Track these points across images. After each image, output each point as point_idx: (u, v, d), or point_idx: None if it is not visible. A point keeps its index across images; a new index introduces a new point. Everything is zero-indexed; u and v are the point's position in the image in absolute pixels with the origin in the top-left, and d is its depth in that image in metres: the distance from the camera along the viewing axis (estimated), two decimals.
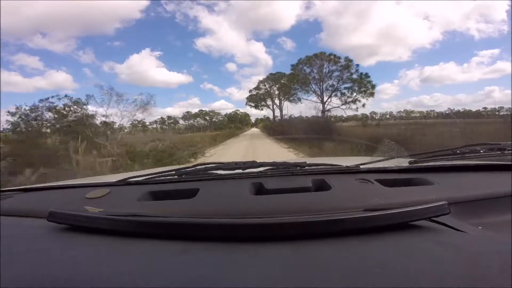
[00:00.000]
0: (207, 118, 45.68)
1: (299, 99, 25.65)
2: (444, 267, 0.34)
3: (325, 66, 22.43)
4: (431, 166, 0.79)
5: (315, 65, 22.66)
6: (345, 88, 22.33)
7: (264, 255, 0.38)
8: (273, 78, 29.37)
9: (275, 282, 0.32)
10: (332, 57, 22.44)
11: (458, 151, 0.87)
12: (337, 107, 22.47)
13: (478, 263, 0.35)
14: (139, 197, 0.68)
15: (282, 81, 27.71)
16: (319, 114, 20.99)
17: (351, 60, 22.00)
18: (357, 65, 22.14)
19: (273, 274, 0.34)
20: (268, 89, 29.88)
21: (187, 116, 45.36)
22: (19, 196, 0.78)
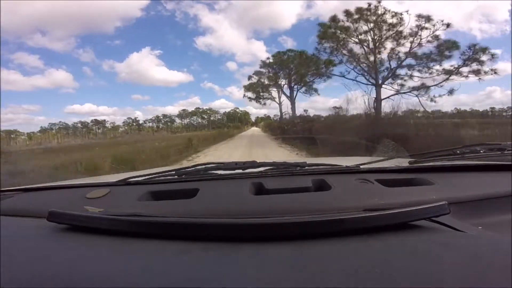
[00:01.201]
0: (205, 116, 43.38)
1: (315, 90, 17.63)
2: (444, 267, 0.34)
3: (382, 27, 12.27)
4: (431, 166, 0.79)
5: (362, 25, 12.26)
6: (417, 64, 12.30)
7: (264, 255, 0.38)
8: (280, 60, 20.00)
9: (275, 282, 0.32)
10: (393, 13, 12.16)
11: (458, 151, 0.87)
12: (406, 92, 12.45)
13: (478, 263, 0.35)
14: (139, 197, 0.68)
15: (296, 61, 18.17)
16: (370, 106, 10.38)
17: (430, 19, 11.93)
18: (447, 25, 11.91)
19: (273, 274, 0.34)
20: (273, 75, 20.76)
21: (182, 114, 42.75)
22: (19, 196, 0.78)
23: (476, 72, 11.99)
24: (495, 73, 11.90)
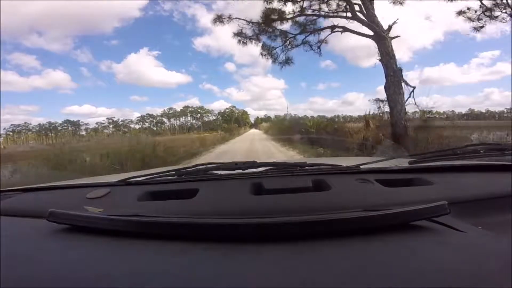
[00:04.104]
0: (195, 115, 37.87)
1: None
2: (444, 267, 0.34)
3: None
4: (431, 166, 0.79)
5: None
6: None
7: (264, 255, 0.38)
8: None
9: (275, 282, 0.32)
10: None
11: (458, 151, 0.87)
12: None
13: (478, 263, 0.35)
14: (139, 197, 0.68)
15: None
16: None
17: None
18: None
19: (273, 274, 0.34)
20: None
21: (168, 113, 37.24)
22: (19, 196, 0.78)
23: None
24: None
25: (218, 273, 0.35)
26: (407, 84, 7.05)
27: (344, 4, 8.69)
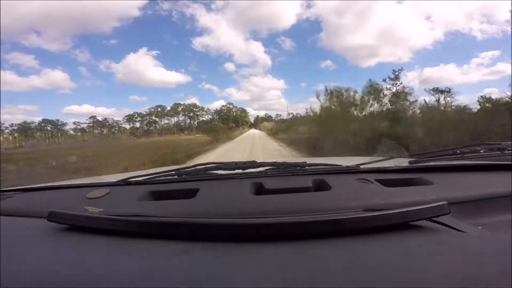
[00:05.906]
0: (187, 114, 33.80)
1: None
2: (444, 267, 0.34)
3: None
4: (431, 166, 0.79)
5: None
6: None
7: (264, 255, 0.38)
8: None
9: (275, 282, 0.32)
10: None
11: (458, 151, 0.87)
12: None
13: (478, 263, 0.35)
14: (139, 197, 0.68)
15: None
16: None
17: None
18: None
19: (273, 274, 0.34)
20: None
21: (155, 112, 33.46)
22: (19, 196, 0.78)
23: None
24: None
25: (218, 273, 0.35)
26: None
27: None
